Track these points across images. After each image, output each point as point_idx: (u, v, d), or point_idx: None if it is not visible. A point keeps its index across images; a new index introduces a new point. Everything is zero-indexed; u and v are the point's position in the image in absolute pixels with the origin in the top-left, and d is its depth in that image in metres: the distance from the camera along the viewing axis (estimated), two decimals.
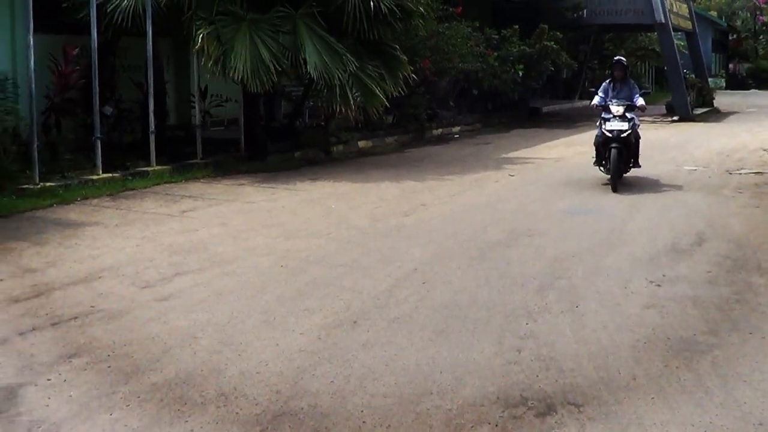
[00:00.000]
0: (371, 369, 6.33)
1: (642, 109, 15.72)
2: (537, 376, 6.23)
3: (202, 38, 15.96)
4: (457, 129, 27.97)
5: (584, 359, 6.58)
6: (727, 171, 18.08)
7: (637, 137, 15.71)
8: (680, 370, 6.35)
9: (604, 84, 16.21)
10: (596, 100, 15.93)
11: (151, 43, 16.20)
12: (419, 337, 7.04)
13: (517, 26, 31.63)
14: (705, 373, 6.32)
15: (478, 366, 6.42)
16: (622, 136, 15.15)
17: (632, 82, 16.35)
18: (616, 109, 15.35)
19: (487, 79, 28.69)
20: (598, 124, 15.86)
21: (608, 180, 15.31)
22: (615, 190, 14.83)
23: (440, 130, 26.94)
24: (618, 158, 15.04)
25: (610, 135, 15.14)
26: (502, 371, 6.32)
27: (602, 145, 15.43)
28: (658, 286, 8.71)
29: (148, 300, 8.09)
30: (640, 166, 15.90)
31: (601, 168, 15.70)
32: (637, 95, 15.76)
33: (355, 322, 7.45)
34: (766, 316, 7.77)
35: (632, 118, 15.47)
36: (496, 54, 29.29)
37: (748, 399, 5.85)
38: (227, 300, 8.09)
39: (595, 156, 15.88)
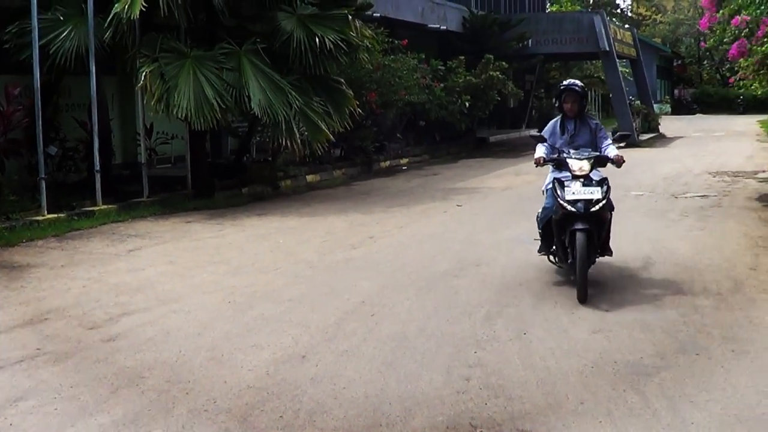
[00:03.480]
0: (320, 403, 6.31)
1: (617, 163, 9.75)
2: (486, 404, 6.25)
3: (145, 76, 15.87)
4: (405, 161, 28.09)
5: (532, 386, 6.61)
6: (673, 195, 18.30)
7: (612, 208, 9.81)
8: (627, 393, 6.40)
9: (550, 124, 10.21)
10: (540, 151, 9.85)
11: (94, 81, 16.10)
12: (368, 370, 7.04)
13: (462, 57, 31.90)
14: (652, 395, 6.38)
15: (426, 396, 6.42)
16: (592, 209, 9.23)
17: (594, 120, 10.25)
18: (579, 165, 9.45)
19: (434, 110, 28.83)
20: (545, 187, 9.98)
21: (560, 275, 10.19)
22: (583, 300, 9.00)
23: (388, 163, 27.05)
24: (587, 247, 9.15)
25: (573, 209, 9.21)
26: (451, 400, 6.33)
27: (559, 223, 9.51)
28: (606, 311, 8.77)
29: (95, 341, 8.01)
30: (611, 253, 10.11)
31: (552, 258, 10.20)
32: (607, 142, 9.99)
33: (303, 356, 7.43)
34: (712, 338, 7.86)
35: (603, 179, 9.49)
36: (442, 85, 29.48)
37: (695, 419, 5.91)
38: (174, 338, 8.03)
39: (540, 237, 10.27)
